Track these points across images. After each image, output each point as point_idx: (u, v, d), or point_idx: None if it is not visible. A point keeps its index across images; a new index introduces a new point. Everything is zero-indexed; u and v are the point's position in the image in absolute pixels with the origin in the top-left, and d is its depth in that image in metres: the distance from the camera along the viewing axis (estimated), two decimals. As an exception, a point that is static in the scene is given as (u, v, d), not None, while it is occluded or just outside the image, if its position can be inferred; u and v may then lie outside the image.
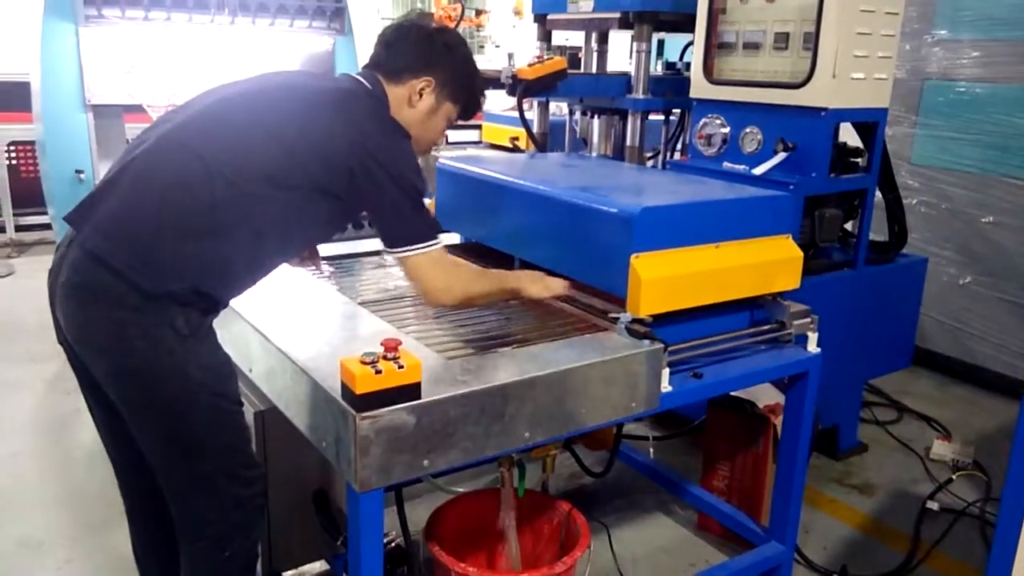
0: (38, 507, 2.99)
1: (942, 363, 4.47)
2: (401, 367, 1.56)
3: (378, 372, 1.54)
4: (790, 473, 2.47)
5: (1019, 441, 1.76)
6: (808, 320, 2.34)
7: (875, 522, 3.08)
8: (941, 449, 3.56)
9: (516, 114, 3.47)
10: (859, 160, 3.26)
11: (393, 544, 2.36)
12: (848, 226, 3.37)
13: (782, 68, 3.04)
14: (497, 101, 7.07)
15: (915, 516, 3.06)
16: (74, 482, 3.17)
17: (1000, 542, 1.86)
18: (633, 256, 2.04)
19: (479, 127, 6.29)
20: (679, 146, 3.90)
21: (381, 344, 1.58)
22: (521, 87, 3.27)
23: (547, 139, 4.14)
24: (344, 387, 1.58)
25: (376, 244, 3.03)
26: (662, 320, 2.07)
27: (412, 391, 1.59)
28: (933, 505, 3.14)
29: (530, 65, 3.31)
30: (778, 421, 2.68)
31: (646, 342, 1.96)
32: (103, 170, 4.14)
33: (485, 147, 5.78)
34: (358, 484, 1.58)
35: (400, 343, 1.59)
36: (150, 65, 4.06)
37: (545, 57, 3.45)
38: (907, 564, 2.78)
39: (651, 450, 3.21)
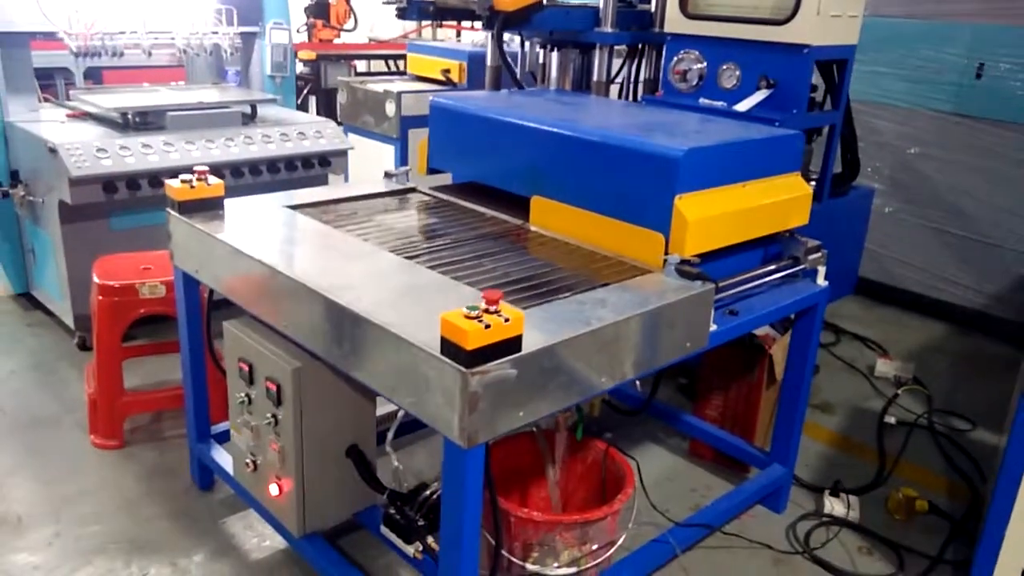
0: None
1: (865, 287, 4.79)
2: (507, 320, 1.52)
3: (487, 327, 1.49)
4: (795, 399, 2.61)
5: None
6: (820, 255, 2.44)
7: (843, 438, 3.32)
8: (884, 367, 3.85)
9: (438, 43, 3.33)
10: (814, 95, 3.37)
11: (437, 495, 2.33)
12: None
13: (763, 3, 3.08)
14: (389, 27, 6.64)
15: (875, 430, 3.31)
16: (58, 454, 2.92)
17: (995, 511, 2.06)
18: (677, 197, 2.06)
19: (403, 57, 5.99)
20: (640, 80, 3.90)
21: (483, 297, 1.53)
22: (500, 20, 3.17)
23: (500, 74, 4.04)
24: (447, 343, 1.52)
25: (368, 187, 2.81)
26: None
27: (515, 344, 1.56)
28: (890, 419, 3.41)
29: (508, -4, 3.20)
30: (773, 351, 2.81)
31: (698, 283, 1.99)
32: (12, 106, 3.76)
33: (411, 79, 5.51)
34: (465, 440, 1.54)
35: (502, 295, 1.55)
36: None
37: (519, -12, 3.34)
38: (880, 474, 3.02)
39: (638, 384, 3.29)
